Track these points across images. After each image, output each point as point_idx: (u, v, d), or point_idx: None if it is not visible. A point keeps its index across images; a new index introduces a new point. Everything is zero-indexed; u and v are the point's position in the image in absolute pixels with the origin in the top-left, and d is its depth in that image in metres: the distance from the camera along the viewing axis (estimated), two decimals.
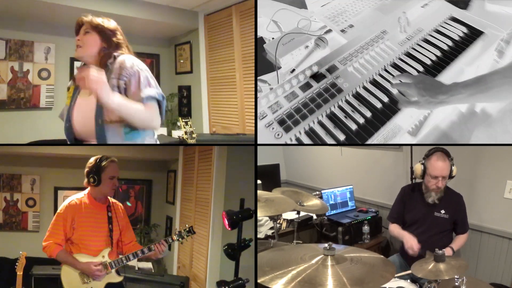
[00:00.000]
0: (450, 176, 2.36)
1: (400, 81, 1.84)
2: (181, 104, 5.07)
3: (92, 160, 2.23)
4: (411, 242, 2.33)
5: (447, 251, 2.27)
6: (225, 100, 4.50)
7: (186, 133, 2.21)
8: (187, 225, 2.30)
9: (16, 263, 2.47)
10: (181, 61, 4.90)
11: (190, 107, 4.92)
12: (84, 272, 2.13)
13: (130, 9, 4.06)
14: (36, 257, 3.10)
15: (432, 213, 2.42)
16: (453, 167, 2.34)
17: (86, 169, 2.22)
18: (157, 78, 4.90)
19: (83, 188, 2.28)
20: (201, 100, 4.71)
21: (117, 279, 2.21)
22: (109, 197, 2.30)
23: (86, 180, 2.23)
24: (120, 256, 2.20)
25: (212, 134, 4.50)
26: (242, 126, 4.39)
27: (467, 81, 1.59)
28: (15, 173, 4.28)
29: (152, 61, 5.08)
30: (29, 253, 2.56)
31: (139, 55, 1.89)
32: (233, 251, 1.71)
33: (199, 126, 4.69)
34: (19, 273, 2.46)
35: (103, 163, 2.20)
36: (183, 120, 2.23)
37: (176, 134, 4.48)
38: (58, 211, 2.21)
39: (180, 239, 2.26)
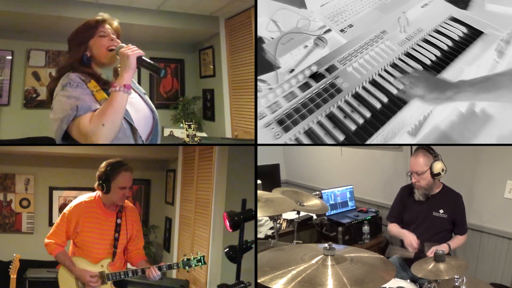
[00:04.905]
0: (432, 174, 2.30)
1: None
2: (205, 107, 5.14)
3: (103, 165, 2.08)
4: (410, 239, 2.33)
5: (444, 247, 2.26)
6: (246, 104, 4.42)
7: (188, 136, 2.21)
8: (198, 253, 2.12)
9: (10, 266, 2.43)
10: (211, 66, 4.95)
11: (214, 110, 4.95)
12: (78, 279, 2.08)
13: (156, 19, 4.38)
14: (30, 259, 3.09)
15: (430, 213, 2.41)
16: (433, 164, 2.29)
17: (97, 173, 2.09)
18: (182, 81, 5.22)
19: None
20: (223, 104, 4.74)
21: None
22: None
23: (96, 183, 2.10)
24: (119, 271, 2.12)
25: (234, 138, 4.46)
26: None
27: (474, 80, 1.60)
28: (9, 172, 4.22)
29: (177, 65, 5.18)
30: (23, 255, 2.52)
31: (165, 60, 1.81)
32: (234, 254, 1.69)
33: (222, 129, 4.70)
34: (13, 276, 2.43)
35: (114, 171, 2.05)
36: (186, 123, 2.24)
37: (177, 133, 4.47)
38: (64, 210, 2.14)
39: (187, 267, 2.09)
